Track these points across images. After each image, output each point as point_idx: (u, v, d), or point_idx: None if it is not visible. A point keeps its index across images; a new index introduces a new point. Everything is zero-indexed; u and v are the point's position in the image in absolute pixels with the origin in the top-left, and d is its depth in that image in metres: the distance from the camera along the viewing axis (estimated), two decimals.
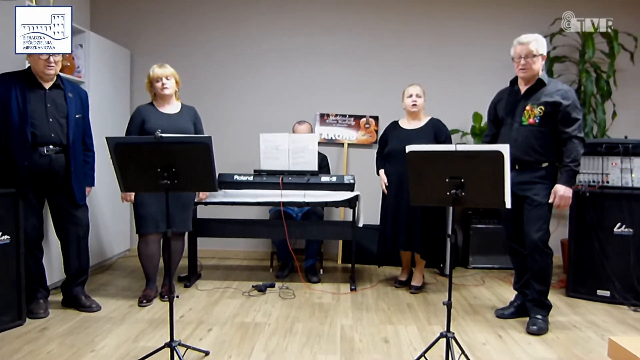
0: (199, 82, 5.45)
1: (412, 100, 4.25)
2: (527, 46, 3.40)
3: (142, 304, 3.84)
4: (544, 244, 3.42)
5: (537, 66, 3.43)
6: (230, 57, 5.55)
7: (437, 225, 4.31)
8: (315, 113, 5.52)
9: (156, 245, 3.96)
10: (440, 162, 2.65)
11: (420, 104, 4.28)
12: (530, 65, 3.41)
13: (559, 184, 3.37)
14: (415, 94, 4.26)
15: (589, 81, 4.96)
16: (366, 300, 4.10)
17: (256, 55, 5.54)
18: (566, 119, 3.36)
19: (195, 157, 2.67)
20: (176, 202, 3.86)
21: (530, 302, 3.54)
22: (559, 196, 3.35)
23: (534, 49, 3.39)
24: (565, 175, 3.36)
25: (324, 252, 5.19)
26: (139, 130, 3.83)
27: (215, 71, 5.55)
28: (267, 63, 5.54)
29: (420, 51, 5.49)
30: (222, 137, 5.03)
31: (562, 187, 3.35)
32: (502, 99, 3.68)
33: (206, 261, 5.25)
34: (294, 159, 4.42)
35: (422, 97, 4.28)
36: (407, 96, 4.29)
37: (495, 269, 5.16)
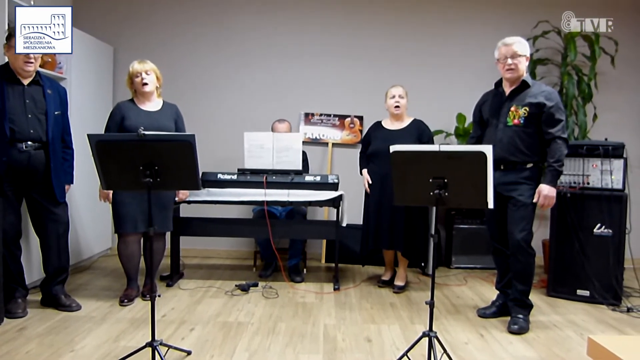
0: (183, 79, 5.42)
1: (394, 101, 4.27)
2: (512, 47, 3.45)
3: (123, 304, 3.80)
4: (527, 244, 3.45)
5: (523, 67, 3.48)
6: (215, 55, 5.52)
7: (420, 224, 4.32)
8: (299, 112, 5.51)
9: (136, 245, 3.92)
10: (424, 163, 2.66)
11: (403, 105, 4.30)
12: (517, 65, 3.45)
13: (543, 184, 3.40)
14: (398, 95, 4.28)
15: (570, 84, 5.02)
16: (349, 300, 4.10)
17: (240, 54, 5.52)
18: (550, 120, 3.40)
19: (179, 155, 2.64)
20: (155, 202, 3.80)
21: (512, 302, 3.57)
22: (543, 196, 3.38)
23: (518, 50, 3.44)
24: (549, 175, 3.39)
25: (308, 251, 5.18)
26: (118, 127, 3.78)
27: (200, 69, 5.52)
28: (252, 61, 5.52)
29: (405, 52, 5.51)
30: (205, 135, 5.01)
31: (546, 187, 3.39)
32: (487, 100, 3.71)
33: (189, 260, 5.22)
34: (278, 158, 4.41)
35: (404, 98, 4.30)
36: (390, 97, 4.31)
37: (477, 269, 5.20)
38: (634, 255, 4.61)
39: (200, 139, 2.71)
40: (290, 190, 4.30)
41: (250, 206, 4.97)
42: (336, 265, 4.45)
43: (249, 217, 5.04)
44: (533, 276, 3.58)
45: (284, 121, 5.01)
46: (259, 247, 4.92)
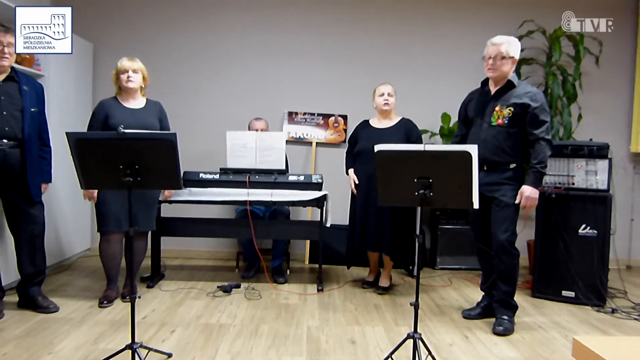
0: (165, 77, 5.37)
1: (384, 99, 4.27)
2: (499, 47, 3.44)
3: (102, 305, 3.77)
4: (510, 245, 3.47)
5: (506, 68, 3.47)
6: (197, 53, 5.49)
7: (406, 226, 4.31)
8: (283, 111, 5.50)
9: (118, 245, 3.89)
10: (408, 162, 2.67)
11: (392, 103, 4.30)
12: (498, 67, 3.45)
13: (526, 185, 3.42)
14: (387, 93, 4.27)
15: (555, 84, 5.06)
16: (333, 301, 4.10)
17: (223, 52, 5.50)
18: (534, 121, 3.41)
19: (160, 154, 2.63)
20: (140, 200, 3.80)
21: (497, 303, 3.59)
22: (525, 197, 3.40)
23: (505, 51, 3.43)
24: (532, 176, 3.40)
25: (291, 252, 5.18)
26: (102, 125, 3.76)
27: (182, 67, 5.49)
28: (235, 59, 5.50)
29: (389, 51, 5.52)
30: (187, 134, 4.99)
31: (528, 188, 3.40)
32: (473, 99, 3.72)
33: (170, 261, 5.19)
34: (261, 158, 4.40)
35: (393, 97, 4.30)
36: (379, 95, 4.30)
37: (462, 270, 5.22)
38: (618, 256, 4.68)
39: (182, 138, 2.70)
40: (273, 190, 4.29)
41: (233, 206, 4.96)
42: (320, 266, 4.45)
43: (232, 217, 5.02)
44: (517, 277, 3.61)
45: (261, 119, 5.00)
46: (242, 247, 4.91)
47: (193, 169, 4.47)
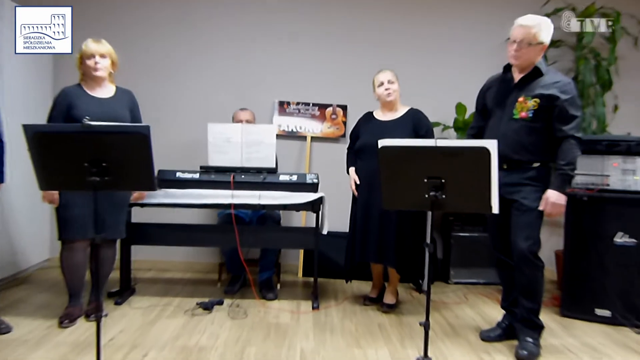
0: (137, 62, 5.34)
1: (385, 88, 4.27)
2: (528, 30, 3.37)
3: (63, 324, 3.77)
4: (533, 255, 3.45)
5: (532, 56, 3.42)
6: (175, 34, 5.49)
7: (413, 233, 4.31)
8: (273, 100, 5.51)
9: (82, 254, 3.89)
10: (417, 160, 2.68)
11: (395, 91, 4.30)
12: (523, 54, 3.41)
13: (551, 189, 3.37)
14: (387, 81, 4.28)
15: (587, 69, 5.06)
16: (330, 320, 4.12)
17: (205, 33, 5.50)
18: (563, 116, 3.37)
19: (131, 149, 2.64)
20: (107, 203, 3.80)
21: (520, 323, 3.60)
22: (550, 203, 3.36)
23: (533, 36, 3.37)
24: (559, 179, 3.36)
25: (282, 263, 5.20)
26: (65, 117, 3.76)
27: (157, 51, 5.49)
28: (218, 42, 5.51)
29: (396, 32, 5.53)
30: (163, 127, 4.99)
31: (554, 194, 3.35)
32: (493, 86, 3.71)
33: (142, 274, 5.20)
34: (247, 154, 4.41)
35: (395, 83, 4.30)
36: (378, 85, 4.31)
37: (480, 284, 5.24)
38: None
39: (156, 131, 2.70)
40: (261, 191, 4.30)
41: (215, 210, 4.97)
42: (315, 280, 4.46)
43: (213, 222, 5.03)
44: (542, 292, 3.60)
45: (246, 110, 5.02)
46: (225, 258, 4.92)
47: (169, 167, 4.46)
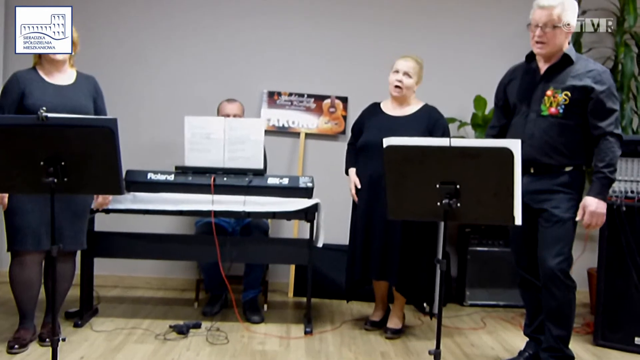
0: (103, 44, 5.36)
1: (396, 78, 4.25)
2: (550, 12, 3.37)
3: (13, 350, 3.76)
4: (563, 274, 3.44)
5: (560, 40, 3.43)
6: (148, 16, 5.49)
7: (422, 247, 4.31)
8: (261, 91, 5.52)
9: (36, 269, 3.88)
10: (428, 162, 2.69)
11: (407, 86, 4.25)
12: (549, 38, 3.40)
13: (590, 196, 3.36)
14: (403, 72, 4.24)
15: (628, 58, 5.06)
16: (326, 348, 4.12)
17: (182, 14, 5.50)
18: (599, 110, 3.37)
19: (94, 146, 2.64)
20: (66, 209, 3.78)
21: (546, 352, 3.60)
22: (589, 212, 3.35)
23: (557, 17, 3.37)
24: (598, 184, 3.36)
25: (270, 281, 5.21)
26: (17, 106, 3.75)
27: (126, 32, 5.49)
28: (197, 24, 5.50)
29: (407, 11, 5.53)
30: (132, 120, 4.99)
31: (594, 201, 3.34)
32: (515, 79, 3.71)
33: (106, 291, 5.20)
34: (231, 153, 4.40)
35: (412, 78, 4.25)
36: (393, 71, 4.29)
37: (500, 307, 5.25)
38: None
39: (124, 125, 2.71)
40: (247, 196, 4.29)
41: (193, 218, 4.97)
42: (308, 301, 4.47)
43: (190, 232, 5.03)
44: (573, 317, 3.60)
45: (234, 101, 5.00)
46: (203, 274, 4.92)
47: (139, 167, 4.46)
